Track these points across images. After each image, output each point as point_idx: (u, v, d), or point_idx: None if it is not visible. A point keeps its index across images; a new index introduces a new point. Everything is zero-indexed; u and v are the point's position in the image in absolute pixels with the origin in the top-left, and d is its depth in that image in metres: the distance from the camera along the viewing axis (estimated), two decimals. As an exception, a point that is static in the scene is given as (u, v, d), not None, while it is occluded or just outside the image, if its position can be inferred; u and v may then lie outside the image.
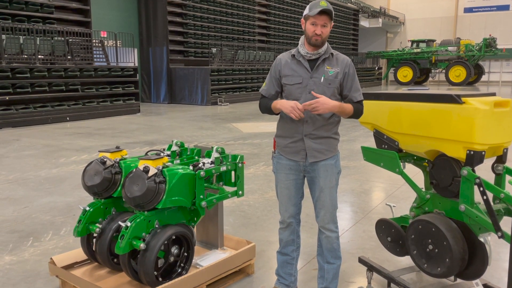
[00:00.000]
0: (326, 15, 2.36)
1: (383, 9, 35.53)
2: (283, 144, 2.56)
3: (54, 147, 8.14)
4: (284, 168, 2.57)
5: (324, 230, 2.57)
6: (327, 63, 2.46)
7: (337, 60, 2.49)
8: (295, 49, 2.53)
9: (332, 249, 2.60)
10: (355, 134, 9.62)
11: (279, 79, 2.54)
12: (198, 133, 9.89)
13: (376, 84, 32.76)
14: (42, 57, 11.81)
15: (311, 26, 2.39)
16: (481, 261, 2.39)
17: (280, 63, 2.54)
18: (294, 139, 2.51)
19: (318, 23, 2.37)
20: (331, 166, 2.50)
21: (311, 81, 2.44)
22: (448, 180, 2.46)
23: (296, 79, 2.47)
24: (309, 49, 2.45)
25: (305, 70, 2.46)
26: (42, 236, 3.86)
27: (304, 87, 2.45)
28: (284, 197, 2.61)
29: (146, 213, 2.53)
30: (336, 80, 2.45)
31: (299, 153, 2.51)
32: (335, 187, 2.54)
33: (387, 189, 5.35)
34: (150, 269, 2.48)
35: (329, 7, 2.35)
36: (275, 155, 2.63)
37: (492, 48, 29.16)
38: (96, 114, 12.79)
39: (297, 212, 2.66)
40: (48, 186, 5.50)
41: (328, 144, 2.50)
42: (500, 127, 2.32)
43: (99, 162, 2.76)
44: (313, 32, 2.38)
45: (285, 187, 2.59)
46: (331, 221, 2.55)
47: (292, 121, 2.48)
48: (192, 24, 18.84)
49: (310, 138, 2.47)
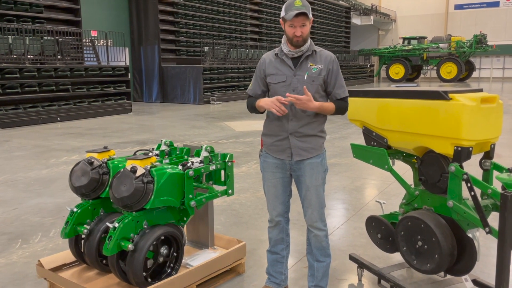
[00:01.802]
0: (303, 15, 2.34)
1: (375, 7, 35.66)
2: (269, 143, 2.56)
3: (45, 147, 8.07)
4: (270, 167, 2.57)
5: (312, 229, 2.57)
6: (310, 60, 2.46)
7: (320, 57, 2.48)
8: (279, 48, 2.52)
9: (321, 247, 2.59)
10: (347, 131, 9.64)
11: (264, 79, 2.55)
12: (190, 132, 9.85)
13: (369, 82, 32.88)
14: (31, 57, 11.69)
15: (290, 28, 2.38)
16: (470, 257, 2.40)
17: (264, 63, 2.55)
18: (280, 137, 2.50)
19: (296, 25, 2.36)
20: (317, 164, 2.50)
21: (295, 78, 2.45)
22: (437, 177, 2.46)
23: (280, 77, 2.47)
24: (291, 48, 2.45)
25: (288, 68, 2.47)
26: (31, 238, 3.82)
27: (288, 85, 2.45)
28: (271, 195, 2.61)
29: (134, 213, 2.51)
30: (320, 77, 2.45)
31: (284, 152, 2.51)
32: (321, 185, 2.53)
33: (379, 186, 5.37)
34: (139, 270, 2.46)
35: (303, 6, 2.32)
36: (262, 154, 2.63)
37: (483, 45, 29.38)
38: (87, 114, 12.70)
39: (285, 210, 2.65)
40: (38, 187, 5.45)
41: (313, 143, 2.49)
42: (487, 123, 2.33)
43: (86, 163, 2.73)
44: (293, 34, 2.38)
45: (272, 185, 2.59)
46: (319, 219, 2.55)
47: (277, 119, 2.48)
48: (183, 23, 18.77)
49: (295, 137, 2.47)
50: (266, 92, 2.59)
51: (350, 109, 2.80)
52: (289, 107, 2.43)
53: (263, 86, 2.57)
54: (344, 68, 29.34)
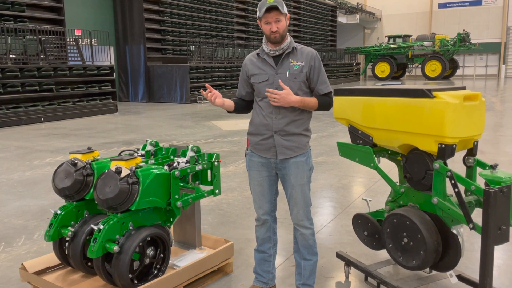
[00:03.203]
0: (275, 10, 2.35)
1: (360, 5, 35.90)
2: (254, 142, 2.57)
3: (28, 149, 7.94)
4: (256, 165, 2.58)
5: (299, 227, 2.58)
6: (291, 57, 2.47)
7: (301, 54, 2.49)
8: (260, 48, 2.54)
9: (308, 245, 2.60)
10: (334, 129, 9.68)
11: (248, 80, 2.58)
12: (177, 131, 9.79)
13: (355, 80, 33.10)
14: (14, 57, 11.48)
15: (265, 26, 2.40)
16: (455, 253, 2.42)
17: (246, 64, 2.58)
18: (265, 136, 2.51)
19: (271, 21, 2.37)
20: (301, 163, 2.50)
21: (277, 77, 2.45)
22: (421, 174, 2.49)
23: (262, 76, 2.49)
24: (271, 46, 2.46)
25: (270, 67, 2.48)
26: (14, 241, 3.75)
27: (271, 84, 2.46)
28: (258, 194, 2.61)
29: (120, 215, 2.48)
30: (302, 73, 2.45)
31: (269, 150, 2.51)
32: (307, 184, 2.54)
33: (365, 183, 5.40)
34: (125, 272, 2.43)
35: (275, 1, 2.33)
36: (248, 153, 2.64)
37: (466, 43, 29.83)
38: (72, 114, 12.53)
39: (272, 209, 2.66)
40: (21, 189, 5.35)
41: (298, 141, 2.50)
42: (470, 120, 2.36)
43: (70, 164, 2.69)
44: (269, 30, 2.39)
45: (258, 184, 2.59)
46: (305, 217, 2.55)
47: (263, 117, 2.49)
48: (169, 21, 18.63)
49: (280, 135, 2.48)
50: (251, 93, 2.62)
51: (336, 108, 2.82)
52: (273, 105, 2.44)
53: (247, 87, 2.61)
54: (330, 66, 29.47)
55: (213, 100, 2.46)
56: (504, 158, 6.60)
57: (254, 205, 2.66)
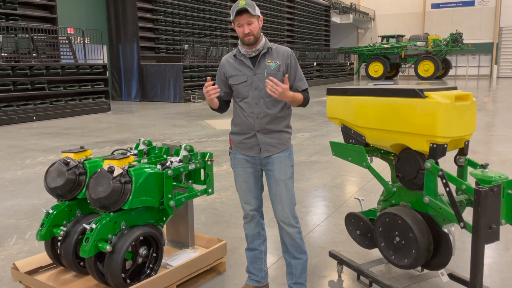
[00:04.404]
0: (246, 13, 2.37)
1: (354, 5, 36.01)
2: (237, 141, 2.61)
3: (20, 148, 7.87)
4: (241, 163, 2.62)
5: (284, 225, 2.57)
6: (267, 58, 2.51)
7: (277, 53, 2.52)
8: (237, 49, 2.57)
9: (296, 244, 2.60)
10: (327, 129, 9.71)
11: (226, 81, 2.60)
12: (171, 130, 9.77)
13: (348, 80, 33.21)
14: (5, 55, 11.38)
15: (238, 28, 2.44)
16: (446, 251, 2.44)
17: (224, 65, 2.60)
18: (248, 135, 2.55)
19: (243, 23, 2.40)
20: (284, 158, 2.55)
21: (255, 77, 2.49)
22: (413, 173, 2.51)
23: (241, 78, 2.52)
24: (247, 48, 2.49)
25: (248, 68, 2.51)
26: (6, 240, 3.72)
27: (250, 85, 2.50)
28: (244, 190, 2.64)
29: (112, 214, 2.47)
30: (279, 73, 2.49)
31: (253, 148, 2.56)
32: (290, 179, 2.57)
33: (358, 183, 5.43)
34: (117, 271, 2.43)
35: (246, 4, 2.35)
36: (232, 151, 2.67)
37: (459, 43, 30.04)
38: (65, 113, 12.44)
39: (259, 205, 2.69)
40: (13, 188, 5.31)
41: (280, 138, 2.55)
42: (461, 120, 2.38)
43: (62, 163, 2.68)
44: (242, 32, 2.42)
45: (243, 180, 2.63)
46: (291, 215, 2.55)
47: (244, 117, 2.53)
48: (163, 20, 18.55)
49: (262, 133, 2.52)
50: (229, 93, 2.65)
51: (329, 107, 2.83)
52: (254, 105, 2.49)
53: (225, 88, 2.63)
54: (324, 66, 29.55)
55: (213, 95, 2.46)
56: (496, 157, 6.66)
57: (241, 202, 2.69)
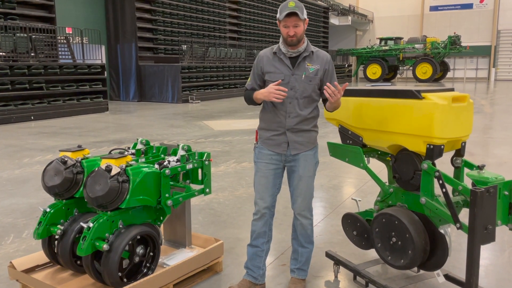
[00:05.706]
0: (295, 16, 2.44)
1: (353, 7, 36.09)
2: (265, 137, 2.66)
3: (18, 147, 7.86)
4: (265, 158, 2.66)
5: (300, 217, 2.70)
6: (307, 61, 2.57)
7: (317, 57, 2.59)
8: (276, 46, 2.61)
9: (306, 234, 2.74)
10: (325, 130, 9.71)
11: (262, 76, 2.64)
12: (169, 131, 9.76)
13: (346, 81, 33.22)
14: (3, 54, 11.36)
15: (284, 29, 2.49)
16: (442, 252, 2.45)
17: (262, 60, 2.63)
18: (277, 132, 2.61)
19: (289, 25, 2.46)
20: (310, 156, 2.65)
21: (293, 78, 2.55)
22: (410, 174, 2.52)
23: (278, 76, 2.56)
24: (289, 48, 2.54)
25: (286, 68, 2.56)
26: (3, 239, 3.72)
27: (286, 84, 2.54)
28: (262, 186, 2.68)
29: (109, 213, 2.47)
30: (317, 77, 2.56)
31: (280, 146, 2.62)
32: (312, 176, 2.68)
33: (355, 184, 5.44)
34: (114, 270, 2.43)
35: (296, 7, 2.43)
36: (257, 146, 2.71)
37: (457, 46, 30.12)
38: (62, 113, 12.42)
39: (272, 204, 2.73)
40: (11, 187, 5.30)
41: (309, 137, 2.64)
42: (458, 121, 2.39)
43: (59, 162, 2.68)
44: (287, 34, 2.48)
45: (263, 175, 2.67)
46: (307, 208, 2.69)
47: (275, 115, 2.59)
48: (161, 21, 18.56)
49: (292, 132, 2.59)
50: (262, 87, 2.67)
51: (327, 108, 2.84)
52: (288, 104, 2.54)
53: (259, 81, 2.67)
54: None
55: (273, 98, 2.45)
56: (493, 160, 6.69)
57: (256, 197, 2.72)
